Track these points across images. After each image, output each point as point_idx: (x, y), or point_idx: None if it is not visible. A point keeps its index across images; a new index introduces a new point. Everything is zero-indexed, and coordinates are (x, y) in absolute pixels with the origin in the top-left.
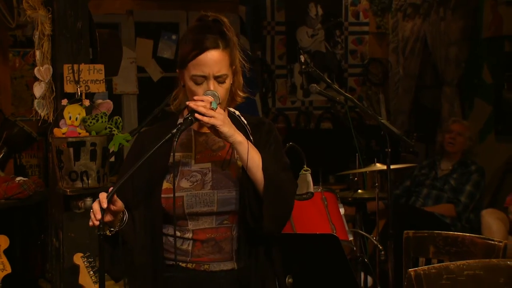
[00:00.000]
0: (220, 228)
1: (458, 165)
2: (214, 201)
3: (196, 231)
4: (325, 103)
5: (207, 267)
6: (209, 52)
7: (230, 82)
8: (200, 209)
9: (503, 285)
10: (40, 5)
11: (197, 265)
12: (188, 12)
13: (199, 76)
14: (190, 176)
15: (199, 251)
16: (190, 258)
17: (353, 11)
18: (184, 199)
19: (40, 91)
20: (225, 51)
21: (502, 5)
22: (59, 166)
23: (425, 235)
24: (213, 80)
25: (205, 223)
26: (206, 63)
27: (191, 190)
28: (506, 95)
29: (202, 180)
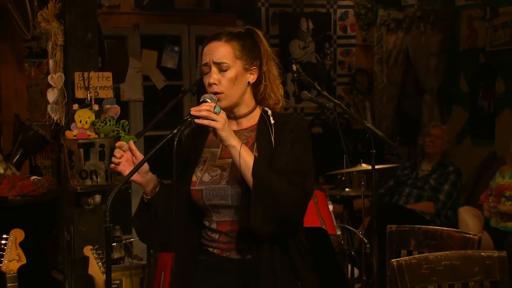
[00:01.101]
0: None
1: (437, 166)
2: (229, 195)
3: (219, 223)
4: (316, 109)
5: (228, 254)
6: (211, 43)
7: (236, 73)
8: (218, 201)
9: (477, 273)
10: (53, 18)
11: (221, 251)
12: (190, 26)
13: (203, 65)
14: (212, 170)
15: (223, 240)
16: (216, 244)
17: (341, 26)
18: (203, 192)
19: (53, 96)
20: (229, 43)
21: (477, 21)
22: (70, 166)
23: (406, 229)
24: (214, 66)
25: (226, 216)
26: (206, 51)
27: (210, 184)
28: (481, 102)
29: (220, 175)
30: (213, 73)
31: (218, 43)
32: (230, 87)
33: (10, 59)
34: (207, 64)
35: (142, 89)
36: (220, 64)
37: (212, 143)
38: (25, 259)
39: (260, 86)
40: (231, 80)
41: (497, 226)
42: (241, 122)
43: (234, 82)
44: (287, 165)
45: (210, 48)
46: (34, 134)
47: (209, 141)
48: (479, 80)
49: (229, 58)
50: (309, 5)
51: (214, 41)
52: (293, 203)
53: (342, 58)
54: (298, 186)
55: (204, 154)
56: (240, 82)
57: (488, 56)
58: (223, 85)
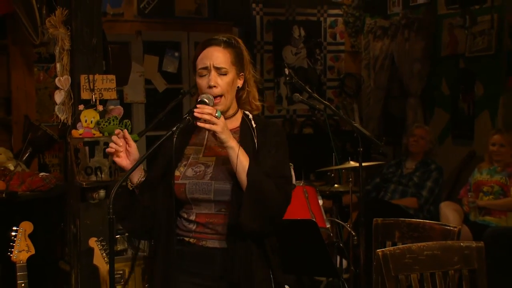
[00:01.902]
0: (218, 214)
1: (421, 164)
2: (211, 191)
3: (198, 215)
4: (307, 111)
5: (204, 243)
6: (211, 47)
7: (232, 78)
8: (200, 195)
9: (456, 262)
10: (60, 24)
11: (197, 240)
12: (189, 33)
13: (202, 68)
14: (196, 166)
15: (200, 230)
16: (193, 234)
17: (331, 33)
18: (186, 186)
19: (60, 98)
20: (227, 50)
21: (457, 28)
22: (76, 162)
23: (391, 222)
24: (213, 70)
25: (205, 209)
26: (207, 55)
27: (193, 179)
28: (461, 104)
29: (204, 171)
30: (213, 76)
31: (218, 48)
32: (228, 91)
33: (20, 63)
34: (207, 67)
35: (144, 92)
36: (220, 69)
37: (196, 141)
38: (33, 249)
39: (243, 92)
40: (229, 84)
41: (475, 220)
42: None
43: (230, 86)
44: (273, 169)
45: (210, 52)
46: (42, 134)
47: (193, 139)
48: (459, 84)
49: (228, 63)
50: (301, 14)
51: (214, 46)
52: (279, 204)
53: (332, 63)
54: (283, 189)
55: (187, 151)
56: (234, 87)
57: (467, 61)
58: (222, 88)
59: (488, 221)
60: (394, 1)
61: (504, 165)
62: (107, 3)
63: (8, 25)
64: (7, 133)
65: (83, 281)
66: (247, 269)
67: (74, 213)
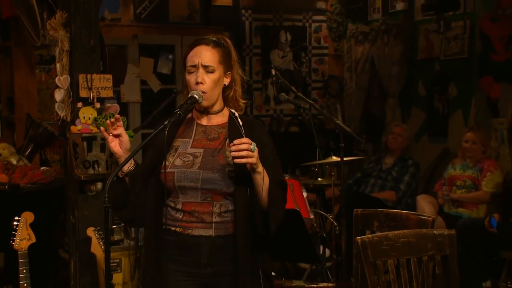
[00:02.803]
0: (204, 203)
1: (399, 160)
2: (199, 179)
3: (184, 203)
4: (293, 111)
5: (190, 231)
6: (200, 46)
7: (218, 76)
8: (187, 183)
9: (430, 249)
10: (60, 26)
11: (183, 229)
12: (182, 37)
13: (191, 66)
14: (184, 156)
15: (186, 219)
16: (179, 223)
17: (315, 38)
18: (175, 174)
19: (60, 96)
20: (215, 49)
21: (433, 33)
22: (75, 157)
23: (370, 213)
24: (201, 68)
25: (191, 198)
26: (196, 53)
27: (182, 167)
28: (436, 105)
29: (192, 161)
30: (201, 74)
31: (207, 47)
32: (213, 87)
33: (23, 64)
34: (196, 65)
35: (140, 92)
36: (207, 67)
37: (184, 133)
38: (34, 238)
39: (230, 90)
40: (214, 81)
41: (449, 212)
42: (211, 118)
43: (216, 83)
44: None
45: (199, 51)
46: (43, 130)
47: (181, 132)
48: (434, 85)
49: (215, 62)
50: (288, 20)
51: (203, 45)
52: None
53: (316, 66)
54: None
55: (175, 143)
56: (220, 84)
57: (442, 64)
58: (207, 85)
59: (461, 213)
60: (374, 8)
61: (475, 161)
62: (106, 9)
63: (11, 28)
64: (10, 130)
65: (81, 268)
66: (232, 257)
67: (73, 204)
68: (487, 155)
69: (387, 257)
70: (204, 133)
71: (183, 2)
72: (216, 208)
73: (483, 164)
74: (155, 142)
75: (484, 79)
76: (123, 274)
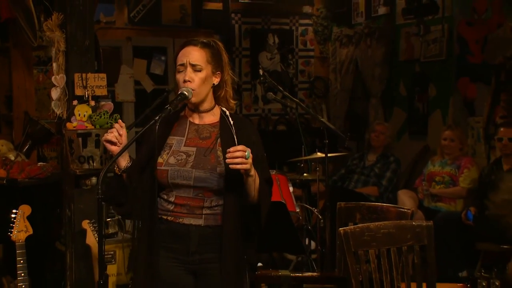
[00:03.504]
0: (195, 199)
1: (381, 157)
2: (192, 177)
3: (177, 197)
4: (281, 110)
5: (181, 220)
6: (188, 47)
7: (206, 75)
8: (180, 181)
9: (409, 239)
10: (56, 27)
11: (174, 218)
12: (174, 39)
13: (180, 65)
14: (178, 155)
15: (177, 210)
16: (170, 213)
17: (302, 40)
18: (169, 172)
19: (56, 94)
20: (203, 49)
21: (413, 36)
22: (71, 152)
23: (353, 206)
24: (189, 67)
25: (184, 193)
26: (184, 53)
27: (175, 166)
28: (416, 104)
29: (186, 159)
30: (189, 72)
31: (195, 47)
32: (200, 85)
33: (21, 64)
34: (184, 64)
35: (133, 92)
36: (195, 66)
37: (177, 132)
38: (31, 230)
39: (221, 91)
40: (202, 79)
41: (428, 206)
42: (203, 117)
43: (204, 81)
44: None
45: (187, 51)
46: (40, 128)
47: (174, 130)
48: (415, 86)
49: (203, 61)
50: (275, 23)
51: (191, 45)
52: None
53: (303, 68)
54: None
55: (169, 141)
56: (208, 83)
57: (422, 66)
58: (195, 83)
59: (440, 207)
60: (357, 12)
61: (453, 158)
62: (101, 12)
63: (10, 30)
64: (9, 127)
65: (77, 259)
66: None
67: (68, 198)
68: (464, 152)
69: (368, 247)
70: (197, 132)
71: (175, 6)
72: (207, 203)
73: (460, 161)
74: (150, 138)
75: (461, 80)
76: (117, 265)
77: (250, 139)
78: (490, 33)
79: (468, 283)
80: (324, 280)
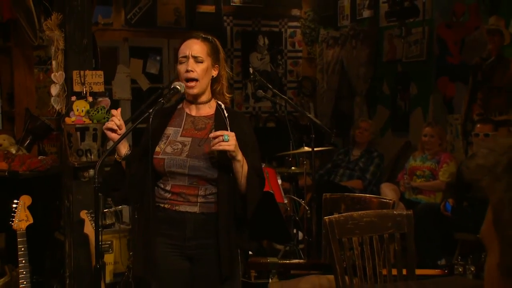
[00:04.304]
0: (190, 187)
1: (365, 152)
2: (186, 166)
3: (173, 185)
4: (270, 108)
5: (177, 208)
6: (190, 40)
7: (207, 66)
8: (176, 169)
9: (390, 227)
10: (56, 27)
11: (171, 206)
12: (169, 40)
13: (182, 57)
14: (174, 144)
15: (174, 198)
16: (167, 201)
17: (291, 42)
18: (165, 161)
19: (55, 91)
20: (204, 43)
21: (396, 38)
22: (69, 146)
23: (338, 197)
24: (191, 58)
25: (180, 181)
26: (186, 46)
27: (171, 155)
28: (399, 102)
29: (181, 149)
30: (191, 63)
31: (197, 41)
32: (202, 76)
33: (22, 63)
34: (186, 56)
35: (130, 90)
36: (197, 57)
37: (174, 122)
38: (32, 219)
39: (218, 85)
40: (203, 70)
41: (409, 198)
42: (200, 108)
43: (205, 72)
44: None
45: (190, 43)
46: (40, 124)
47: (172, 121)
48: (397, 85)
49: (204, 53)
50: (265, 26)
51: (194, 39)
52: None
53: (291, 68)
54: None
55: (167, 131)
56: (208, 74)
57: (404, 66)
58: (197, 73)
59: (420, 199)
60: (343, 15)
61: (433, 153)
62: (99, 14)
63: (11, 30)
64: (10, 123)
65: (75, 247)
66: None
67: (67, 189)
68: (443, 148)
69: (352, 234)
70: (193, 123)
71: (170, 9)
72: (201, 191)
73: (440, 156)
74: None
75: (441, 79)
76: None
77: (243, 130)
78: (467, 35)
79: (446, 269)
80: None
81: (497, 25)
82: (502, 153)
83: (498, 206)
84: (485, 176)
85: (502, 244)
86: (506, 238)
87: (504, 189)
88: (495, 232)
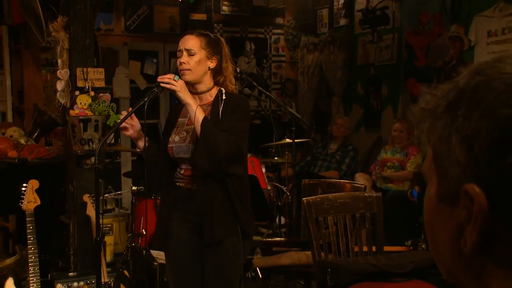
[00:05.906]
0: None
1: (341, 146)
2: (189, 150)
3: (185, 169)
4: (256, 107)
5: (190, 186)
6: (186, 35)
7: (200, 58)
8: (182, 155)
9: (362, 208)
10: (61, 28)
11: (185, 184)
12: (165, 44)
13: (178, 51)
14: (181, 133)
15: (187, 179)
16: (182, 180)
17: (275, 47)
18: (174, 149)
19: (61, 86)
20: (198, 37)
21: (369, 44)
22: (73, 136)
23: (316, 182)
24: (185, 52)
25: (188, 165)
26: (182, 41)
27: (178, 143)
28: (372, 102)
29: (185, 136)
30: (184, 56)
31: (191, 36)
32: (195, 67)
33: (31, 63)
34: (181, 50)
35: (129, 89)
36: (189, 50)
37: (183, 114)
38: (39, 201)
39: (220, 76)
40: (196, 62)
41: (380, 186)
42: (202, 98)
43: (198, 64)
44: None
45: (184, 39)
46: (47, 118)
47: (182, 113)
48: (370, 86)
49: (196, 47)
50: (252, 32)
51: (188, 34)
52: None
53: (275, 71)
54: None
55: (178, 122)
56: (203, 65)
57: (376, 69)
58: (190, 65)
59: (390, 187)
60: (322, 23)
61: (402, 147)
62: (101, 21)
63: (21, 33)
64: (20, 117)
65: (79, 228)
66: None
67: (71, 175)
68: (411, 142)
69: (327, 214)
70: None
71: (166, 16)
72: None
73: (408, 149)
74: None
75: (409, 80)
76: (114, 236)
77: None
78: (432, 41)
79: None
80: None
81: (458, 32)
82: (441, 97)
83: (436, 142)
84: (427, 117)
85: (438, 176)
86: (442, 170)
87: (442, 127)
88: (434, 166)
